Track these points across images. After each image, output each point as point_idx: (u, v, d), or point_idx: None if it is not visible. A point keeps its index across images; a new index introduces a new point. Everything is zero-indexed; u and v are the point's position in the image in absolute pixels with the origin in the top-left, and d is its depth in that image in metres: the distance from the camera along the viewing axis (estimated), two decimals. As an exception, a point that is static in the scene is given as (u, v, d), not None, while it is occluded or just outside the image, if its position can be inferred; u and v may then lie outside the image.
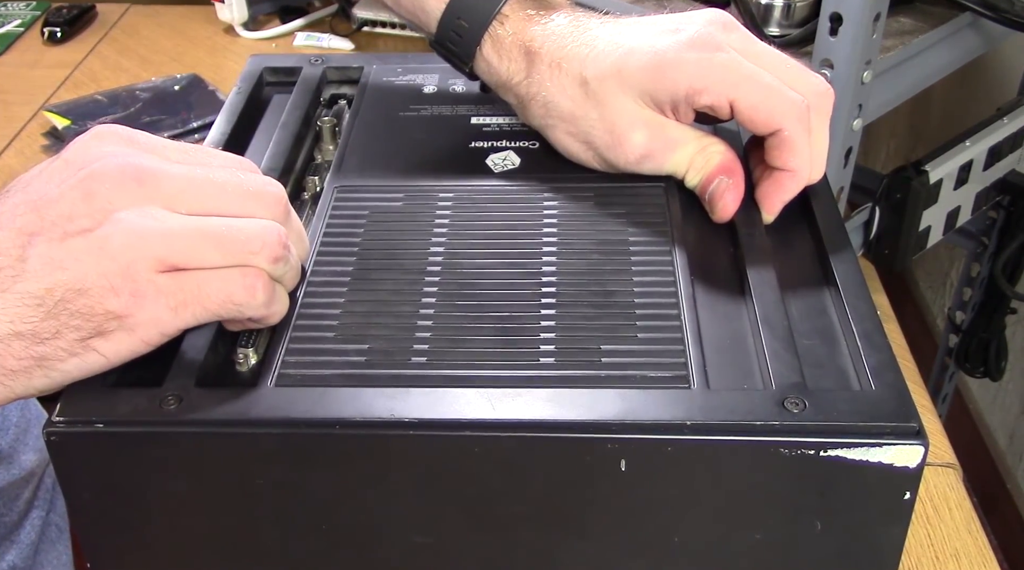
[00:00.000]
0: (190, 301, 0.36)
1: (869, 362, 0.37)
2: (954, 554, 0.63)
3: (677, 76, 0.45)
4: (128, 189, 0.36)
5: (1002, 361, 1.20)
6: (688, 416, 0.35)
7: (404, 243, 0.45)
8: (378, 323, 0.41)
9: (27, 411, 0.76)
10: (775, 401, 0.36)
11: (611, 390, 0.37)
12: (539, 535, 0.38)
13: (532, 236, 0.45)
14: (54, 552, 0.81)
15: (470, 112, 0.56)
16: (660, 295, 0.42)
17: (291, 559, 0.39)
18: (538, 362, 0.39)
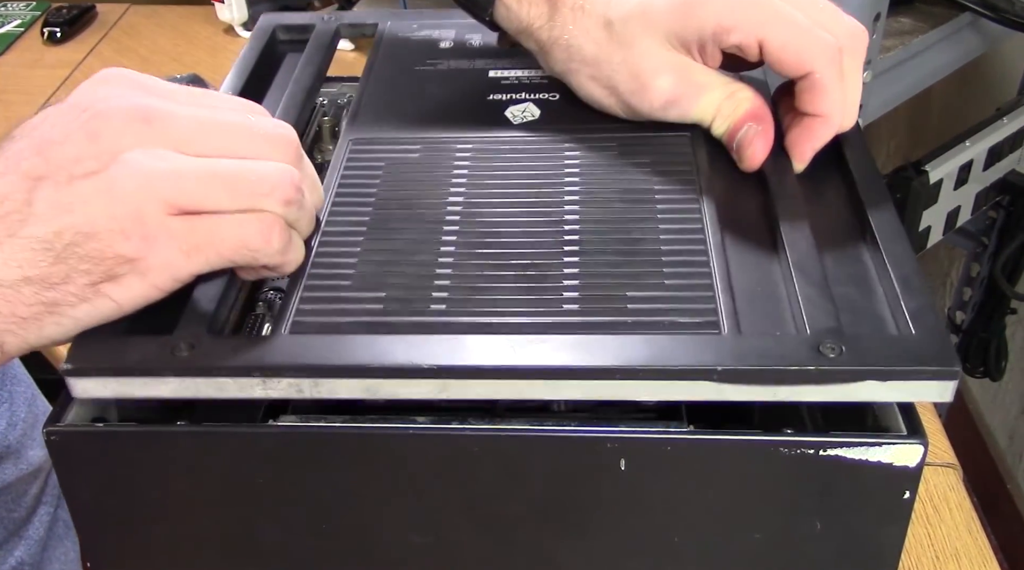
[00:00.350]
0: (203, 245, 0.35)
1: (908, 307, 0.36)
2: (954, 554, 0.63)
3: (704, 14, 0.44)
4: (135, 129, 0.35)
5: (1002, 361, 1.20)
6: (718, 361, 0.34)
7: (422, 193, 0.44)
8: (396, 272, 0.40)
9: (35, 407, 0.76)
10: (810, 346, 0.34)
11: (638, 336, 0.36)
12: (539, 535, 0.38)
13: (554, 185, 0.44)
14: (62, 548, 0.81)
15: (488, 66, 0.55)
16: (688, 242, 0.41)
17: (291, 559, 0.39)
18: (562, 309, 0.38)
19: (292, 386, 0.35)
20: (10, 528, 0.75)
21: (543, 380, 0.35)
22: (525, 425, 0.37)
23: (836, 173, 0.45)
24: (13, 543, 0.75)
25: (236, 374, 0.35)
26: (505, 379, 0.35)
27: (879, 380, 0.34)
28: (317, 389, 0.35)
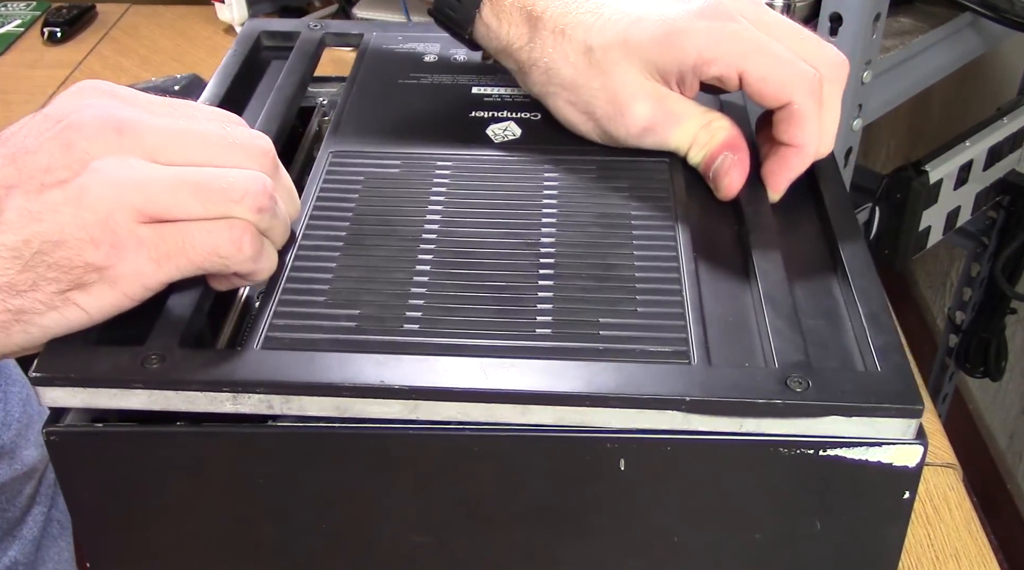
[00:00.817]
0: (173, 253, 0.35)
1: (875, 343, 0.37)
2: (954, 554, 0.63)
3: (686, 45, 0.44)
4: (107, 139, 0.35)
5: (1002, 361, 1.20)
6: (687, 392, 0.35)
7: (400, 209, 0.44)
8: (370, 289, 0.40)
9: (29, 407, 0.76)
10: (778, 379, 0.35)
11: (609, 363, 0.36)
12: (539, 535, 0.38)
13: (531, 207, 0.45)
14: (56, 548, 0.81)
15: (471, 82, 0.55)
16: (661, 270, 0.41)
17: (291, 559, 0.39)
18: (534, 333, 0.38)
19: (263, 402, 0.35)
20: (4, 528, 0.75)
21: (513, 404, 0.35)
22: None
23: (810, 204, 0.46)
24: (7, 543, 0.75)
25: (206, 388, 0.35)
26: (475, 402, 0.35)
27: (843, 416, 0.34)
28: (287, 406, 0.35)
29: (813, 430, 0.35)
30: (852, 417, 0.34)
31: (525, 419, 0.35)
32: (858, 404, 0.34)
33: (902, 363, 0.36)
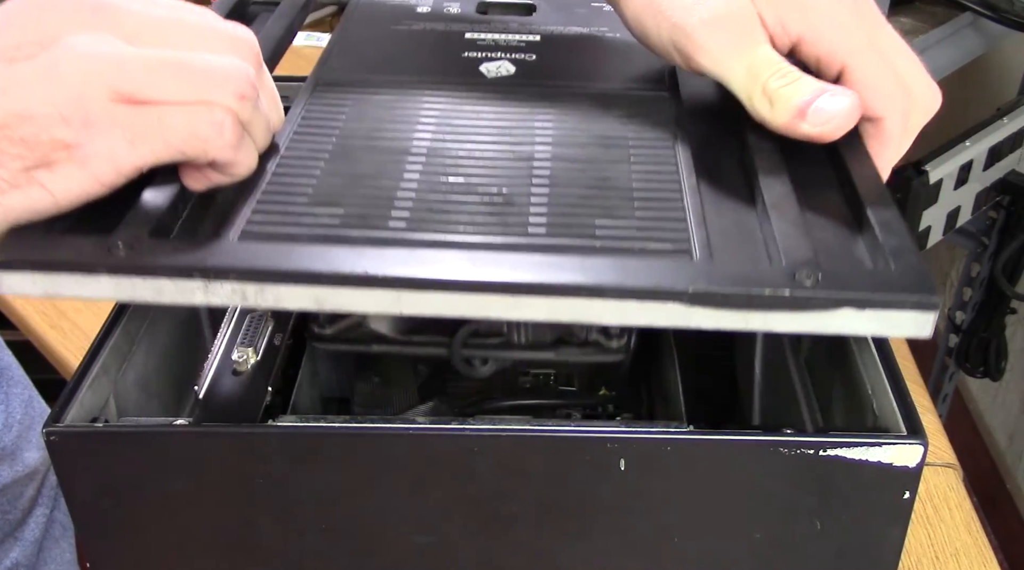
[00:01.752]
0: (149, 134, 0.33)
1: (888, 245, 0.35)
2: (954, 554, 0.63)
3: (809, 6, 0.40)
4: (83, 18, 0.34)
5: (1002, 361, 1.20)
6: (689, 283, 0.33)
7: (388, 127, 0.43)
8: (356, 193, 0.38)
9: (31, 408, 0.76)
10: (785, 273, 0.33)
11: (605, 258, 0.35)
12: (539, 535, 0.38)
13: (525, 127, 0.43)
14: (58, 549, 0.81)
15: (464, 29, 0.54)
16: (661, 181, 0.40)
17: (291, 559, 0.39)
18: (527, 232, 0.36)
19: (236, 292, 0.33)
20: (6, 530, 0.75)
21: (503, 296, 0.33)
22: (525, 425, 0.37)
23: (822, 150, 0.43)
24: (9, 545, 0.76)
25: (175, 275, 0.33)
26: (463, 293, 0.33)
27: (856, 308, 0.32)
28: (262, 296, 0.33)
29: (823, 325, 0.33)
30: (865, 310, 0.32)
31: (516, 313, 0.33)
32: (872, 295, 0.32)
33: (917, 264, 0.34)
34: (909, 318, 0.32)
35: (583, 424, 0.37)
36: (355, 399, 0.52)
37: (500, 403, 0.51)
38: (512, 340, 0.42)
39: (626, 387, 0.55)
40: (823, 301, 0.32)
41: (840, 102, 0.38)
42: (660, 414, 0.53)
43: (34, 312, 0.82)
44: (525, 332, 0.44)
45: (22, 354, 0.77)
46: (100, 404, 0.40)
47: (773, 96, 0.39)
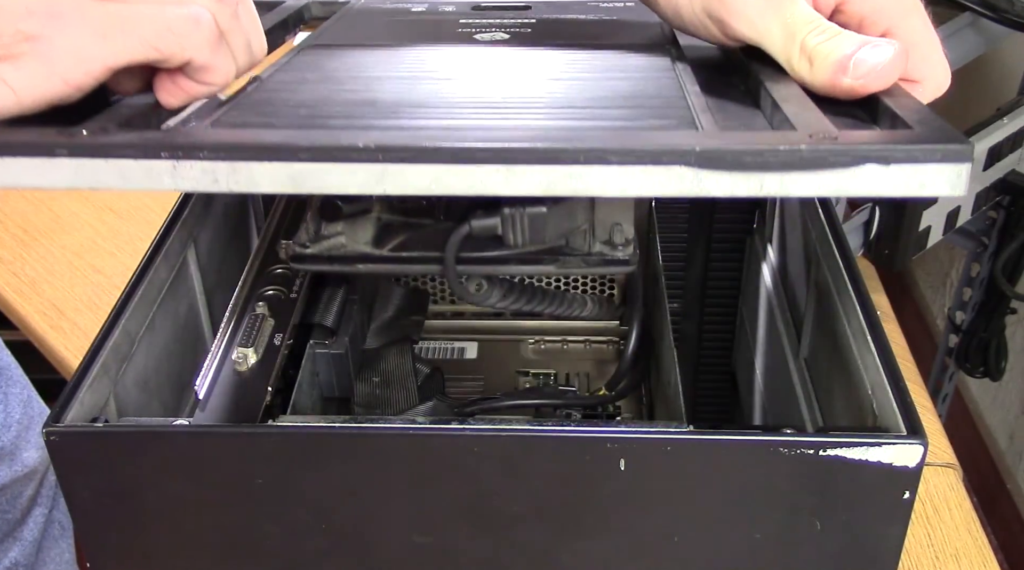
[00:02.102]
0: (121, 28, 0.32)
1: (909, 117, 0.33)
2: (954, 554, 0.63)
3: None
4: None
5: (1002, 361, 1.20)
6: (698, 143, 0.31)
7: (378, 63, 0.43)
8: (339, 98, 0.37)
9: (30, 408, 0.76)
10: (800, 137, 0.31)
11: (607, 129, 0.33)
12: (539, 535, 0.38)
13: (521, 62, 0.44)
14: (56, 549, 0.81)
15: (460, 18, 0.55)
16: (662, 87, 0.39)
17: (291, 559, 0.39)
18: (522, 117, 0.35)
19: (207, 173, 0.31)
20: (4, 530, 0.75)
21: (496, 166, 0.31)
22: (525, 425, 0.37)
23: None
24: (8, 545, 0.76)
25: (141, 156, 0.31)
26: (453, 163, 0.31)
27: (880, 164, 0.30)
28: (235, 177, 0.31)
29: (845, 186, 0.31)
30: (890, 166, 0.30)
31: (510, 185, 0.31)
32: (897, 148, 0.30)
33: (943, 124, 0.32)
34: (940, 172, 0.30)
35: (583, 424, 0.36)
36: (355, 399, 0.52)
37: (500, 403, 0.51)
38: (509, 241, 0.39)
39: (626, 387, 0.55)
40: (844, 157, 0.30)
41: (884, 51, 0.36)
42: (660, 414, 0.53)
43: (34, 312, 0.82)
44: (523, 231, 0.41)
45: (22, 354, 0.77)
46: (100, 404, 0.40)
47: (813, 53, 0.37)
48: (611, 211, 0.42)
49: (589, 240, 0.43)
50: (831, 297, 0.45)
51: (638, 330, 0.54)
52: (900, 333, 0.86)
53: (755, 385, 0.63)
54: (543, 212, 0.38)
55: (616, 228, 0.42)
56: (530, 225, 0.39)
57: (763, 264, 0.61)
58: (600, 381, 0.59)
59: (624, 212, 0.42)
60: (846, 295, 0.43)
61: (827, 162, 0.30)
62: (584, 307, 0.54)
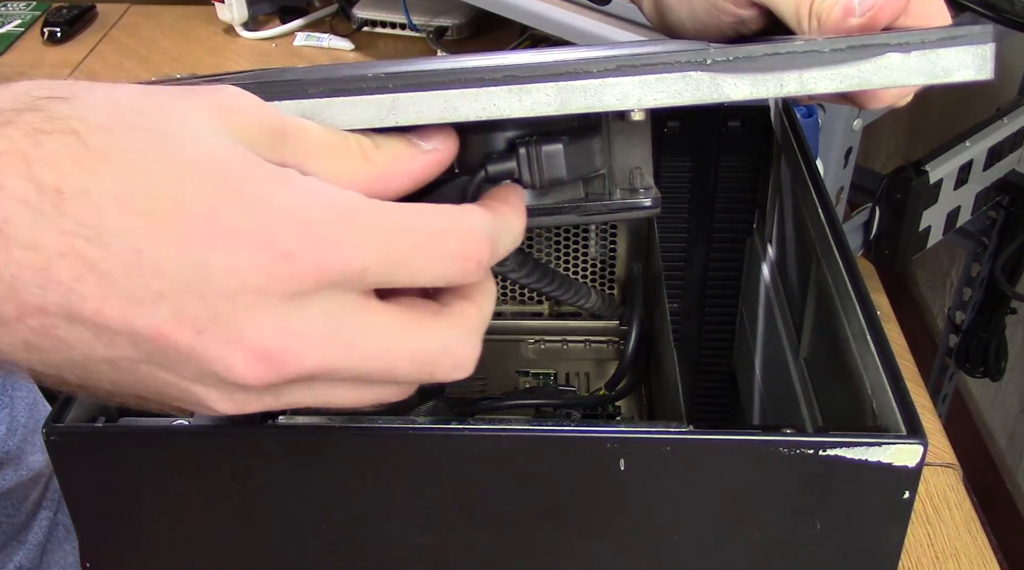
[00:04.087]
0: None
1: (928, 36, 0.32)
2: (954, 554, 0.63)
3: None
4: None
5: (1002, 361, 1.20)
6: (713, 48, 0.30)
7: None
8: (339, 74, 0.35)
9: (35, 412, 0.76)
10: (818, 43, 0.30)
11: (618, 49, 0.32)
12: (539, 535, 0.38)
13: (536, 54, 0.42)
14: (61, 552, 0.81)
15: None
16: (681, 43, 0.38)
17: (291, 559, 0.39)
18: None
19: None
20: (9, 533, 0.75)
21: (508, 86, 0.30)
22: (525, 425, 0.37)
23: None
24: (12, 548, 0.76)
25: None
26: (462, 87, 0.30)
27: (902, 52, 0.30)
28: None
29: (867, 79, 0.30)
30: (911, 52, 0.30)
31: (523, 105, 0.30)
32: (918, 33, 0.30)
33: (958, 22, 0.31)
34: (963, 55, 0.30)
35: (583, 424, 0.37)
36: (355, 399, 0.52)
37: (500, 403, 0.51)
38: (526, 181, 0.38)
39: (626, 387, 0.55)
40: (863, 49, 0.30)
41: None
42: (660, 414, 0.53)
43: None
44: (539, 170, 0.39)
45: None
46: (100, 404, 0.40)
47: (818, 9, 0.37)
48: (629, 155, 0.41)
49: (609, 186, 0.42)
50: (831, 297, 0.45)
51: (638, 330, 0.54)
52: (900, 333, 0.86)
53: (755, 385, 0.63)
54: (559, 148, 0.38)
55: (636, 172, 0.41)
56: (547, 162, 0.38)
57: (763, 264, 0.61)
58: (600, 381, 0.59)
59: (643, 156, 0.41)
60: (846, 295, 0.43)
61: (847, 58, 0.30)
62: (588, 298, 0.54)
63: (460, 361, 0.29)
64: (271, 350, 0.26)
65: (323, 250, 0.26)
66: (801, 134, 0.53)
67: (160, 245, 0.24)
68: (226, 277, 0.25)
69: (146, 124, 0.25)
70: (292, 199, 0.26)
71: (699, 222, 0.66)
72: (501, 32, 1.21)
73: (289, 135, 0.28)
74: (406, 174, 0.30)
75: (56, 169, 0.24)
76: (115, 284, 0.24)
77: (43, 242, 0.24)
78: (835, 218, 0.48)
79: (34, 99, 0.25)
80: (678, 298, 0.69)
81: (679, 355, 0.47)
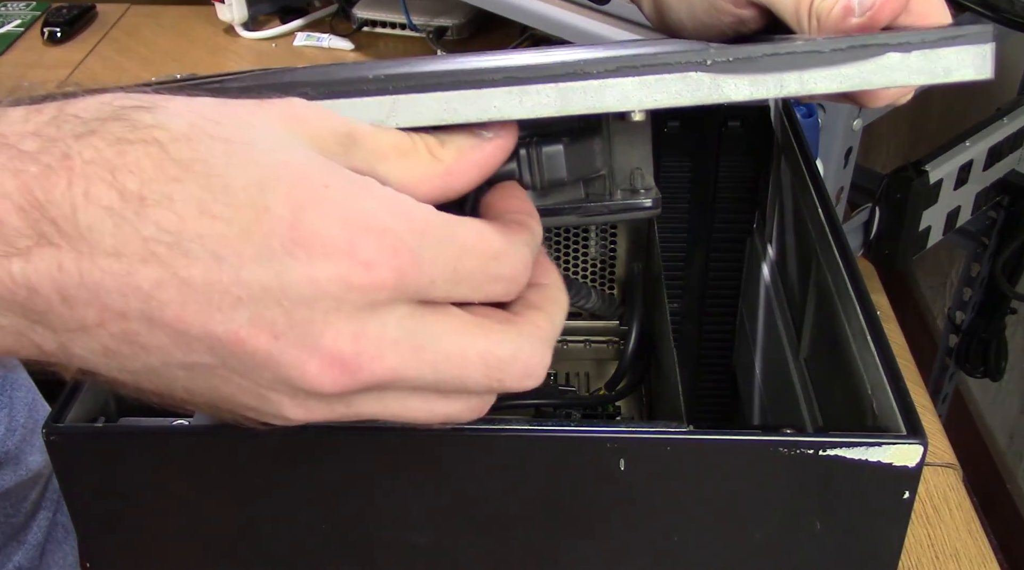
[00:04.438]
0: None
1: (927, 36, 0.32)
2: (954, 554, 0.63)
3: None
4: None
5: (1002, 361, 1.20)
6: (713, 49, 0.30)
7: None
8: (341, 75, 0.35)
9: (34, 412, 0.76)
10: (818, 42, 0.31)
11: (619, 49, 0.32)
12: (539, 535, 0.38)
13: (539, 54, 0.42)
14: (60, 553, 0.81)
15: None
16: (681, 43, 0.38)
17: (291, 559, 0.39)
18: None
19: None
20: (8, 533, 0.75)
21: (507, 87, 0.30)
22: (525, 425, 0.37)
23: None
24: (12, 548, 0.76)
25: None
26: (465, 88, 0.30)
27: (902, 52, 0.30)
28: None
29: (867, 79, 0.30)
30: (912, 52, 0.30)
31: (524, 107, 0.30)
32: (918, 33, 0.30)
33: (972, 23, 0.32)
34: (963, 54, 0.30)
35: (583, 424, 0.36)
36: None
37: (500, 403, 0.51)
38: (527, 182, 0.38)
39: (626, 387, 0.55)
40: (863, 49, 0.30)
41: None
42: (660, 414, 0.53)
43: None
44: (540, 171, 0.39)
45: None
46: (100, 404, 0.40)
47: (818, 9, 0.37)
48: (629, 155, 0.41)
49: (610, 186, 0.42)
50: (831, 297, 0.45)
51: (638, 330, 0.54)
52: (900, 333, 0.86)
53: (755, 385, 0.63)
54: (559, 149, 0.38)
55: (636, 173, 0.42)
56: (547, 163, 0.38)
57: (763, 264, 0.61)
58: (600, 381, 0.59)
59: (643, 157, 0.41)
60: (846, 295, 0.43)
61: (848, 58, 0.30)
62: (589, 298, 0.54)
63: (531, 368, 0.30)
64: (346, 355, 0.26)
65: (402, 261, 0.26)
66: (801, 134, 0.53)
67: (241, 251, 0.25)
68: (306, 285, 0.25)
69: (225, 134, 0.26)
70: (373, 207, 0.26)
71: (699, 222, 0.66)
72: (501, 32, 1.21)
73: (359, 140, 0.28)
74: (474, 165, 0.31)
75: (140, 177, 0.25)
76: (195, 290, 0.25)
77: (126, 249, 0.24)
78: (835, 218, 0.48)
79: (117, 109, 0.26)
80: (678, 298, 0.69)
81: (679, 355, 0.47)
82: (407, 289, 0.27)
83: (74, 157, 0.25)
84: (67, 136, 0.25)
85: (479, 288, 0.29)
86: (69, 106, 0.26)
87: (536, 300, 0.32)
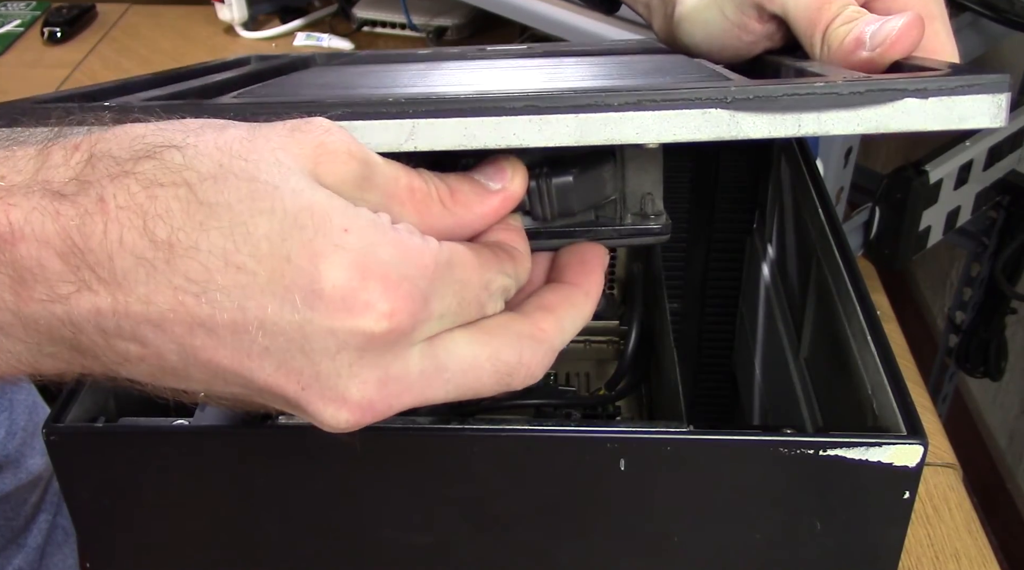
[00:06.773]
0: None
1: (940, 66, 0.33)
2: (954, 554, 0.63)
3: None
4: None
5: (1002, 361, 1.20)
6: (733, 86, 0.31)
7: (387, 72, 0.41)
8: (357, 83, 0.36)
9: (35, 415, 0.76)
10: (836, 84, 0.31)
11: (638, 78, 0.33)
12: (539, 535, 0.38)
13: (545, 66, 0.43)
14: (60, 555, 0.81)
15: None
16: (696, 68, 0.39)
17: (291, 559, 0.39)
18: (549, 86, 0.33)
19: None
20: (8, 536, 0.75)
21: (527, 116, 0.30)
22: (525, 425, 0.37)
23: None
24: (12, 551, 0.76)
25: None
26: (485, 115, 0.30)
27: (919, 98, 0.30)
28: None
29: (883, 123, 0.31)
30: (929, 98, 0.30)
31: (543, 135, 0.31)
32: (935, 79, 0.30)
33: (974, 67, 0.32)
34: (978, 103, 0.30)
35: (583, 424, 0.36)
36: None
37: (500, 403, 0.51)
38: (537, 214, 0.38)
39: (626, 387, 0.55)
40: (881, 93, 0.30)
41: (898, 19, 0.37)
42: (660, 414, 0.53)
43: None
44: (550, 203, 0.39)
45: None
46: (100, 404, 0.40)
47: (831, 36, 0.38)
48: (640, 181, 0.41)
49: (620, 211, 0.42)
50: (831, 297, 0.45)
51: (638, 330, 0.54)
52: (900, 333, 0.86)
53: (755, 385, 0.63)
54: (570, 181, 0.38)
55: (647, 198, 0.41)
56: (558, 195, 0.38)
57: (763, 264, 0.61)
58: (600, 381, 0.59)
59: (654, 182, 0.41)
60: (846, 295, 0.43)
61: (865, 101, 0.30)
62: None
63: (532, 371, 0.32)
64: (374, 401, 0.28)
65: (417, 306, 0.27)
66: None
67: (264, 304, 0.26)
68: (327, 338, 0.26)
69: (251, 173, 0.27)
70: (390, 255, 0.27)
71: (699, 222, 0.66)
72: (501, 32, 1.21)
73: (378, 177, 0.29)
74: (482, 218, 0.32)
75: (170, 223, 0.26)
76: (223, 339, 0.26)
77: (156, 298, 0.26)
78: (835, 218, 0.48)
79: (150, 146, 0.27)
80: (678, 298, 0.69)
81: (679, 355, 0.47)
82: (422, 328, 0.28)
83: (108, 201, 0.26)
84: (102, 177, 0.26)
85: (480, 310, 0.31)
86: (103, 142, 0.27)
87: (550, 301, 0.33)
